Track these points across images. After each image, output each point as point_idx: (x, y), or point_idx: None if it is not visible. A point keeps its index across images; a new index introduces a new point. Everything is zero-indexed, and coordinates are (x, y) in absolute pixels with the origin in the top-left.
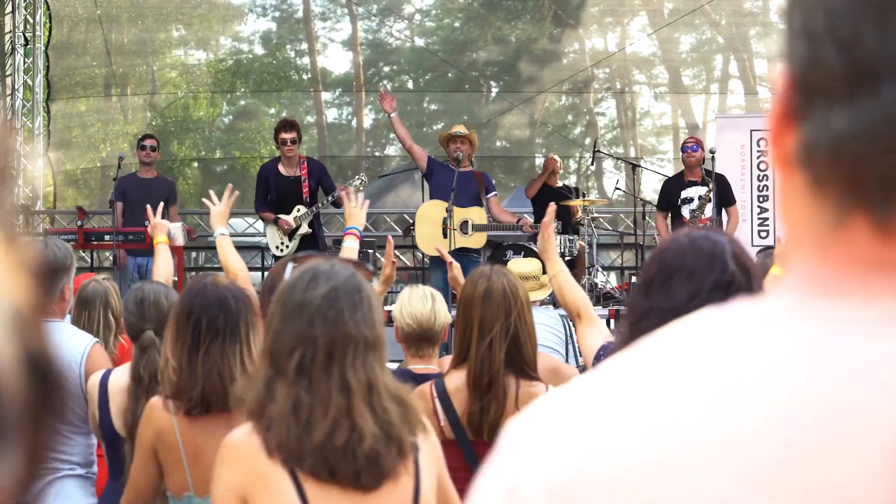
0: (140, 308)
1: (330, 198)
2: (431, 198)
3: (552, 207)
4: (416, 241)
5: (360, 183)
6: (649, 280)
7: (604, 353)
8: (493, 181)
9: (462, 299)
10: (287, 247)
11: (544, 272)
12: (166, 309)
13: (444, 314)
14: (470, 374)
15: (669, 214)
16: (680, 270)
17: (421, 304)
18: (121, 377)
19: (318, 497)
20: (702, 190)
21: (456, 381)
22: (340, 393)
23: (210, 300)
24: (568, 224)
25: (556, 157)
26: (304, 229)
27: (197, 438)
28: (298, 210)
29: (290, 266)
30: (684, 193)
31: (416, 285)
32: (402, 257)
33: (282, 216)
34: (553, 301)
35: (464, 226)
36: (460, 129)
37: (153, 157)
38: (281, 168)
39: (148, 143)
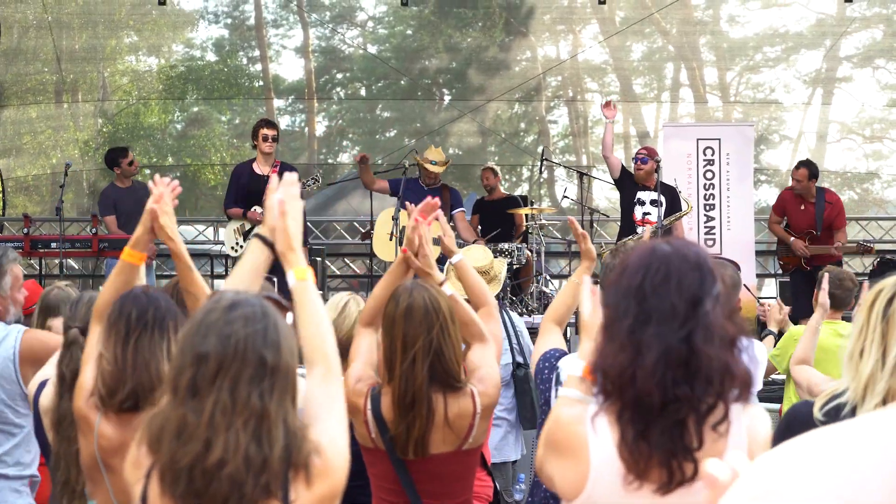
0: (73, 309)
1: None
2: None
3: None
4: (372, 247)
5: (314, 182)
6: (639, 286)
7: (547, 360)
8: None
9: (385, 318)
10: (241, 247)
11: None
12: None
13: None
14: (394, 392)
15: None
16: (670, 276)
17: (332, 312)
18: (52, 394)
19: None
20: (654, 195)
21: (387, 397)
22: (221, 411)
23: (140, 297)
24: (513, 232)
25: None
26: (260, 228)
27: (119, 437)
28: (256, 209)
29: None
30: (640, 195)
31: (339, 292)
32: (351, 265)
33: (253, 209)
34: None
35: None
36: (435, 157)
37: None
38: (255, 166)
39: (132, 157)
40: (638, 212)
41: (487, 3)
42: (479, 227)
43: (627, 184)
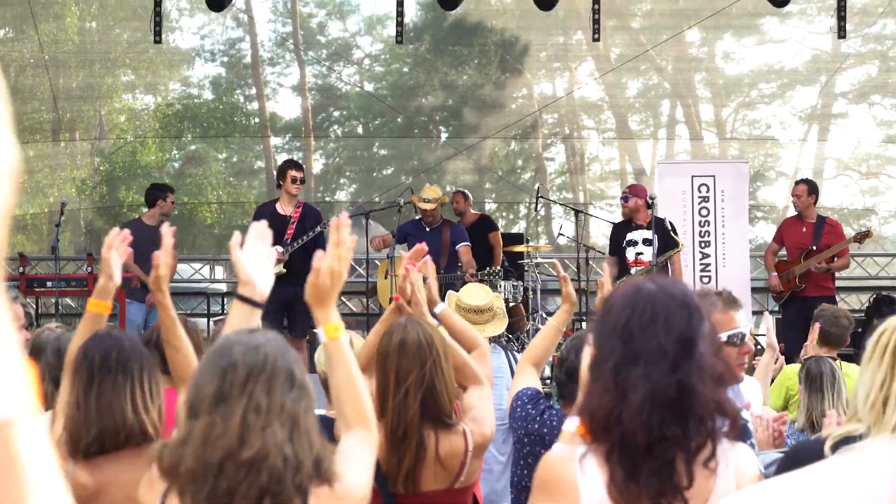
0: (57, 357)
1: (319, 227)
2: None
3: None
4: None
5: (326, 227)
6: (624, 325)
7: (519, 399)
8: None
9: (378, 353)
10: None
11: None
12: None
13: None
14: (387, 425)
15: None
16: (657, 316)
17: None
18: None
19: None
20: (647, 233)
21: (378, 434)
22: (255, 412)
23: (103, 340)
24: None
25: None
26: (278, 269)
27: (93, 483)
28: (277, 249)
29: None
30: (630, 236)
31: None
32: (348, 303)
33: (274, 248)
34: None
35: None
36: (429, 194)
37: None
38: (278, 206)
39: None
40: (630, 253)
41: (483, 40)
42: None
43: (617, 229)
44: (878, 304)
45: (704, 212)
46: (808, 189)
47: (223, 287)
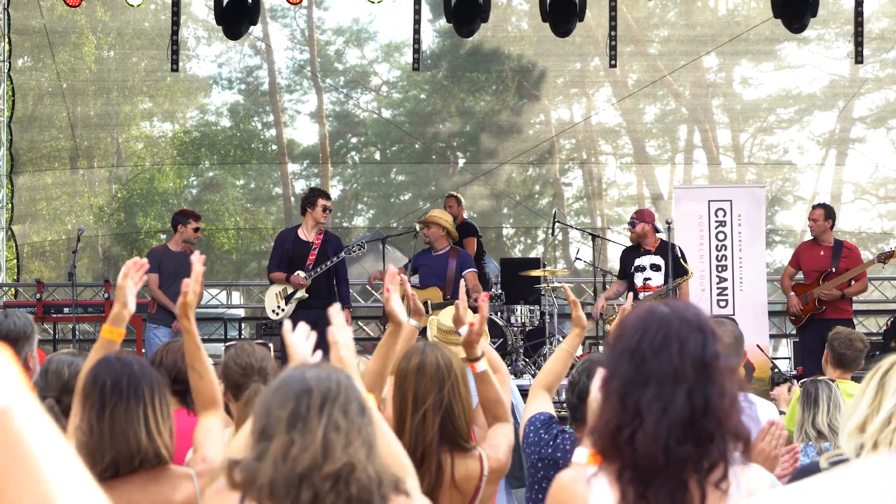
0: (44, 377)
1: (342, 254)
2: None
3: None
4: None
5: (359, 248)
6: (635, 348)
7: (532, 424)
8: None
9: (397, 374)
10: (283, 310)
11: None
12: (66, 378)
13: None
14: (404, 447)
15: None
16: (670, 338)
17: None
18: None
19: None
20: (655, 258)
21: None
22: (335, 430)
23: (114, 364)
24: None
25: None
26: (301, 294)
27: None
28: (299, 274)
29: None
30: (638, 261)
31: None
32: (365, 328)
33: (296, 273)
34: None
35: (425, 306)
36: (427, 217)
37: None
38: (300, 232)
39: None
40: (639, 278)
41: (500, 66)
42: None
43: (626, 255)
44: None
45: (721, 236)
46: (826, 213)
47: (240, 312)
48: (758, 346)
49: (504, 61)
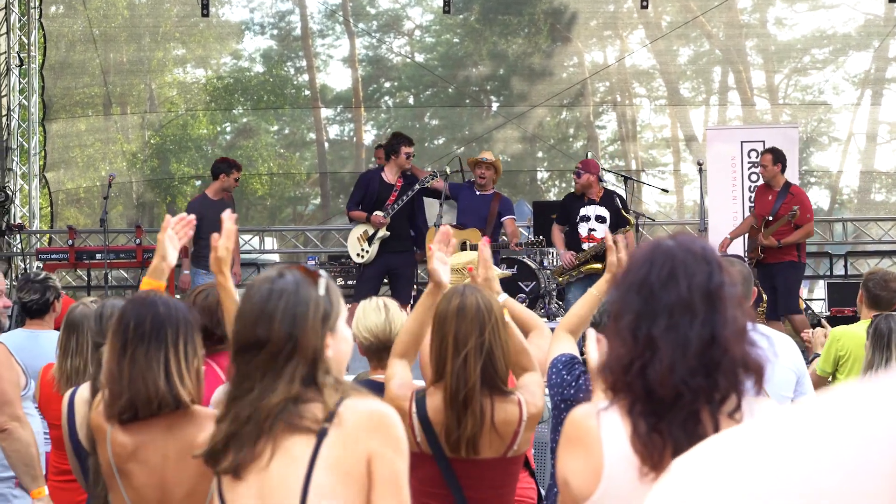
0: (98, 324)
1: (418, 185)
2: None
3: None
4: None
5: (432, 178)
6: (643, 281)
7: (555, 366)
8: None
9: (436, 316)
10: (367, 252)
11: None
12: None
13: (399, 323)
14: (446, 390)
15: (567, 228)
16: (676, 270)
17: (375, 316)
18: (86, 391)
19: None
20: (600, 209)
21: (435, 397)
22: None
23: (139, 306)
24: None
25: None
26: (382, 233)
27: (131, 443)
28: (378, 213)
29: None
30: (583, 211)
31: (370, 298)
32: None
33: (375, 213)
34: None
35: (462, 246)
36: (487, 155)
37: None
38: (384, 175)
39: (236, 174)
40: (583, 228)
41: (532, 9)
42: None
43: (571, 202)
44: None
45: (754, 177)
46: (774, 157)
47: (275, 258)
48: None
49: (536, 3)
